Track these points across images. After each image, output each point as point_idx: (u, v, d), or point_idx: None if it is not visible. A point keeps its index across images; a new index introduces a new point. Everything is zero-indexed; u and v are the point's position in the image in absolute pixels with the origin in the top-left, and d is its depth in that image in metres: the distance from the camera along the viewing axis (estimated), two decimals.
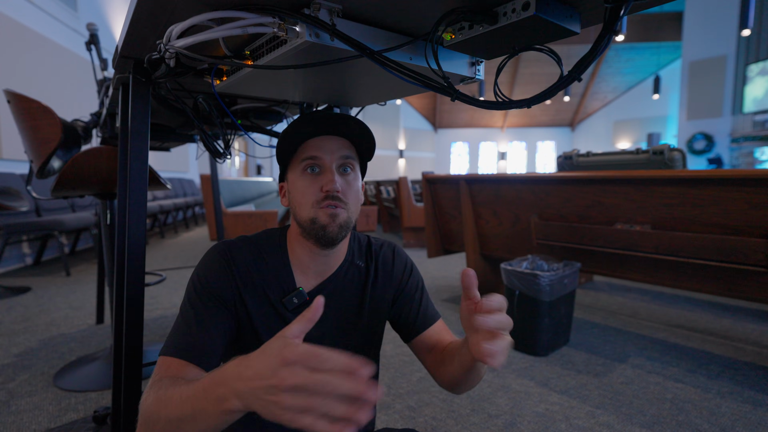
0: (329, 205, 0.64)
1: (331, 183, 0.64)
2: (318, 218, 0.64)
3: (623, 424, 1.32)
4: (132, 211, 0.87)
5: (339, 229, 0.65)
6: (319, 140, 0.66)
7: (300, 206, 0.66)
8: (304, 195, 0.65)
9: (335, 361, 0.37)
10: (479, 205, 2.45)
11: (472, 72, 0.73)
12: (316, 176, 0.66)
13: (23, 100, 1.41)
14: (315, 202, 0.65)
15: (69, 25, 4.61)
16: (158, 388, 0.52)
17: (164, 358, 0.61)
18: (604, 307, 2.54)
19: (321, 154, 0.65)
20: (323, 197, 0.64)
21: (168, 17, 0.61)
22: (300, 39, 0.52)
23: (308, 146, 0.66)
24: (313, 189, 0.65)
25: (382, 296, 0.76)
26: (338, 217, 0.64)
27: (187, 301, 0.66)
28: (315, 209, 0.64)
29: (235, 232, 3.47)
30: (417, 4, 0.53)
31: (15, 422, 1.34)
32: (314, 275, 0.71)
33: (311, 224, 0.65)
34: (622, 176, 1.75)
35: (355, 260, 0.76)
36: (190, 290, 0.67)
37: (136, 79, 0.83)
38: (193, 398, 0.46)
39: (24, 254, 3.90)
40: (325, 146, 0.66)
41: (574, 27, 0.52)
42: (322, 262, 0.70)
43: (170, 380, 0.53)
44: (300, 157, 0.66)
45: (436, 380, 0.73)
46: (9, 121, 3.57)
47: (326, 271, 0.72)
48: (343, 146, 0.67)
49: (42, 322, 2.28)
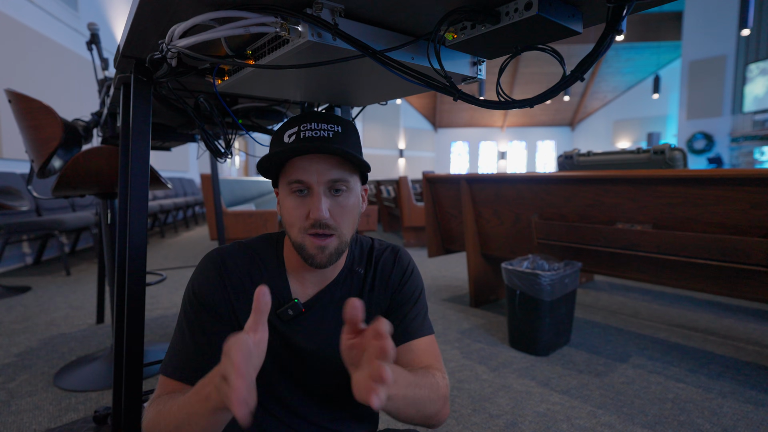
0: (316, 234, 0.61)
1: (317, 211, 0.60)
2: (305, 247, 0.61)
3: (625, 424, 1.32)
4: (133, 211, 0.87)
5: (328, 258, 0.62)
6: (305, 159, 0.61)
7: (289, 226, 0.63)
8: (290, 216, 0.62)
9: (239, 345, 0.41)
10: (480, 204, 2.45)
11: (474, 71, 0.73)
12: (304, 198, 0.62)
13: (24, 100, 1.41)
14: (302, 228, 0.61)
15: (69, 24, 4.60)
16: (157, 404, 0.58)
17: (163, 378, 0.63)
18: (604, 306, 2.54)
19: (307, 177, 0.60)
20: (310, 224, 0.60)
21: (170, 17, 0.61)
22: (302, 39, 0.52)
23: (294, 166, 0.61)
24: (300, 213, 0.61)
25: (378, 304, 0.72)
26: (327, 249, 0.61)
27: (182, 315, 0.66)
28: (303, 235, 0.61)
29: (235, 232, 3.47)
30: (419, 4, 0.52)
31: (15, 422, 1.34)
32: (311, 284, 0.69)
33: (300, 249, 0.62)
34: (623, 176, 1.75)
35: (355, 267, 0.73)
36: (185, 302, 0.67)
37: (138, 79, 0.83)
38: (187, 404, 0.51)
39: (24, 254, 3.90)
40: (312, 168, 0.60)
41: (577, 27, 0.52)
42: (320, 272, 0.69)
43: (168, 396, 0.58)
44: (287, 176, 0.62)
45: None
46: (9, 121, 3.57)
47: (324, 280, 0.70)
48: (332, 166, 0.61)
49: (42, 322, 2.28)
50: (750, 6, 5.91)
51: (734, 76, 8.41)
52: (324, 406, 0.71)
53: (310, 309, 0.69)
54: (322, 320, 0.69)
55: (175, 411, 0.53)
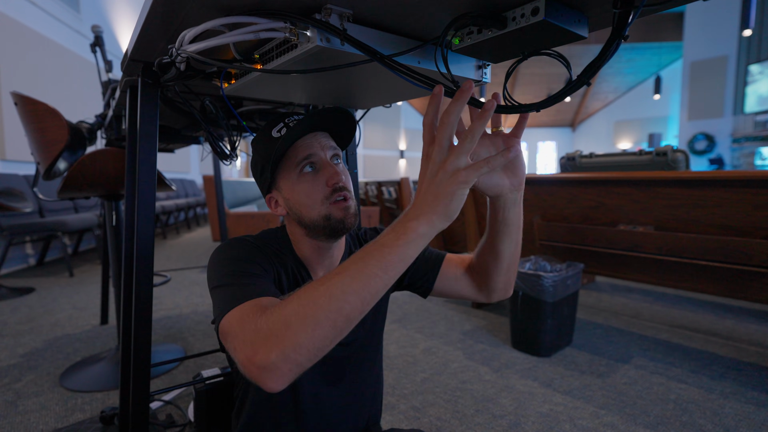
0: (339, 198, 0.64)
1: (337, 175, 0.64)
2: (332, 214, 0.64)
3: (627, 424, 1.33)
4: (141, 213, 0.87)
5: (354, 218, 0.66)
6: (306, 140, 0.66)
7: (307, 208, 0.65)
8: (309, 195, 0.65)
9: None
10: (482, 205, 2.45)
11: (479, 75, 0.73)
12: (315, 174, 0.65)
13: (30, 103, 1.42)
14: (324, 199, 0.64)
15: (71, 26, 4.62)
16: (272, 311, 0.45)
17: (237, 309, 0.50)
18: (606, 307, 2.54)
19: (315, 151, 0.66)
20: (330, 192, 0.64)
21: (180, 22, 0.62)
22: (311, 44, 0.53)
23: (298, 148, 0.66)
24: (317, 187, 0.65)
25: None
26: (350, 208, 0.65)
27: (225, 276, 0.57)
28: (326, 206, 0.64)
29: (237, 233, 3.48)
30: (427, 10, 0.53)
31: (23, 422, 1.35)
32: (322, 269, 0.72)
33: (325, 221, 0.64)
34: (626, 177, 1.76)
35: (353, 249, 0.77)
36: (225, 268, 0.59)
37: (145, 82, 0.84)
38: (359, 260, 0.45)
39: (27, 255, 3.91)
40: (315, 142, 0.66)
41: (582, 31, 0.52)
42: (328, 255, 0.72)
43: (284, 300, 0.47)
44: (293, 161, 0.66)
45: (489, 286, 0.72)
46: (12, 123, 3.58)
47: (332, 263, 0.73)
48: (328, 139, 0.69)
49: (46, 323, 2.29)
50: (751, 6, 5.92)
51: (735, 77, 8.40)
52: (336, 387, 0.73)
53: None
54: None
55: (335, 277, 0.44)
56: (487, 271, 0.70)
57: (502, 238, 0.65)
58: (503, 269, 0.69)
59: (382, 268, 0.44)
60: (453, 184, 0.44)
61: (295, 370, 0.42)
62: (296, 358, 0.41)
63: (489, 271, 0.70)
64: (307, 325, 0.42)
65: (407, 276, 0.79)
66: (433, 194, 0.45)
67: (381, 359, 0.83)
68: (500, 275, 0.69)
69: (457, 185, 0.44)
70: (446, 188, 0.45)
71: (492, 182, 0.59)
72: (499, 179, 0.60)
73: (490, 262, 0.68)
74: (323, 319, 0.42)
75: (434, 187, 0.45)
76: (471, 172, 0.45)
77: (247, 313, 0.48)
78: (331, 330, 0.42)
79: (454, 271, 0.76)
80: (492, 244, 0.66)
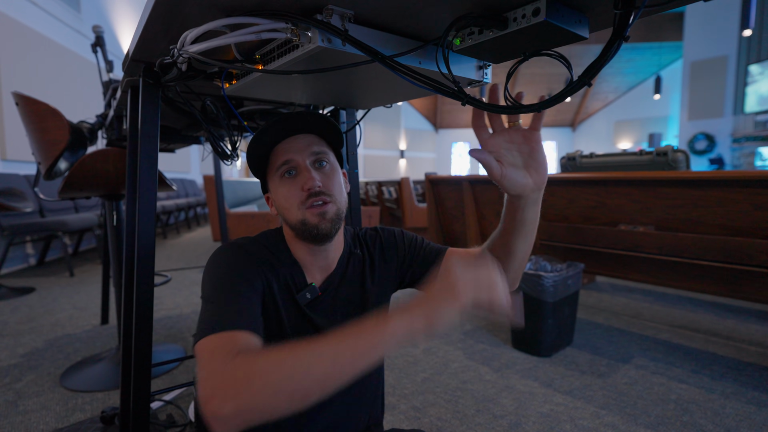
0: (314, 203, 0.65)
1: (311, 180, 0.65)
2: (307, 219, 0.65)
3: (628, 424, 1.33)
4: (142, 213, 0.87)
5: (331, 224, 0.66)
6: (286, 143, 0.68)
7: (287, 210, 0.67)
8: (287, 199, 0.66)
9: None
10: (482, 205, 2.45)
11: (480, 75, 0.74)
12: (294, 179, 0.67)
13: (31, 103, 1.42)
14: (300, 204, 0.65)
15: (72, 26, 4.62)
16: (248, 357, 0.46)
17: (216, 337, 0.51)
18: (607, 307, 2.54)
19: (292, 155, 0.67)
20: (306, 196, 0.65)
21: (181, 23, 0.62)
22: (312, 44, 0.53)
23: (278, 152, 0.67)
24: (294, 191, 0.66)
25: (384, 275, 0.77)
26: (327, 214, 0.65)
27: (212, 291, 0.60)
28: (302, 210, 0.65)
29: (237, 233, 3.48)
30: (428, 10, 0.53)
31: (23, 422, 1.35)
32: (318, 271, 0.72)
33: (302, 226, 0.65)
34: (626, 177, 1.76)
35: (353, 249, 0.77)
36: (214, 281, 0.61)
37: (146, 83, 0.84)
38: (343, 343, 0.44)
39: (28, 255, 3.92)
40: (293, 147, 0.67)
41: (583, 32, 0.52)
42: (323, 257, 0.72)
43: (268, 350, 0.47)
44: (274, 165, 0.68)
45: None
46: (12, 123, 3.58)
47: (329, 265, 0.73)
48: (311, 142, 0.68)
49: (47, 323, 2.29)
50: (751, 6, 5.91)
51: (736, 77, 8.39)
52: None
53: (324, 292, 0.72)
54: (336, 301, 0.73)
55: (310, 356, 0.44)
56: (505, 253, 0.69)
57: (516, 236, 0.64)
58: (515, 267, 0.68)
59: (354, 355, 0.44)
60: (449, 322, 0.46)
61: (243, 426, 0.42)
62: (248, 417, 0.42)
63: (504, 251, 0.68)
64: (266, 390, 0.43)
65: (408, 275, 0.79)
66: (428, 314, 0.46)
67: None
68: (510, 272, 0.68)
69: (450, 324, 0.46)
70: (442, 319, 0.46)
71: (517, 181, 0.59)
72: (523, 178, 0.59)
73: (501, 258, 0.67)
74: (283, 389, 0.43)
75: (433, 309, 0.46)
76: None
77: (219, 349, 0.50)
78: (287, 402, 0.43)
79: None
80: (505, 242, 0.66)
